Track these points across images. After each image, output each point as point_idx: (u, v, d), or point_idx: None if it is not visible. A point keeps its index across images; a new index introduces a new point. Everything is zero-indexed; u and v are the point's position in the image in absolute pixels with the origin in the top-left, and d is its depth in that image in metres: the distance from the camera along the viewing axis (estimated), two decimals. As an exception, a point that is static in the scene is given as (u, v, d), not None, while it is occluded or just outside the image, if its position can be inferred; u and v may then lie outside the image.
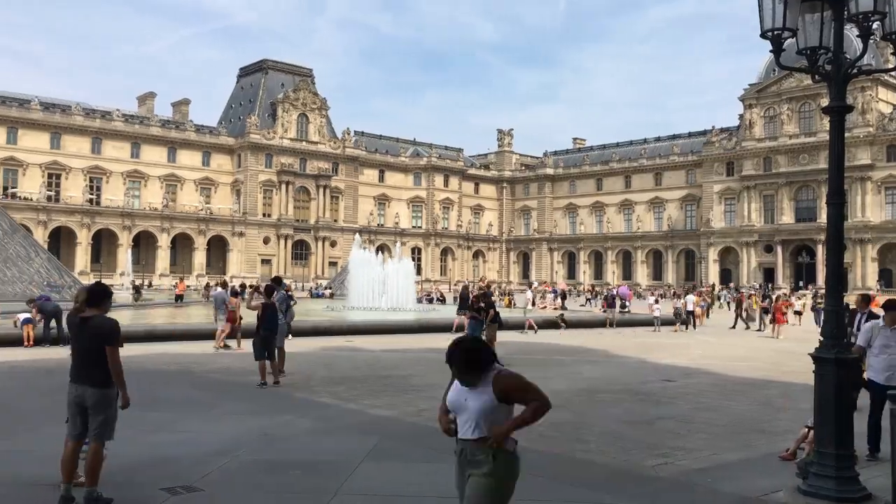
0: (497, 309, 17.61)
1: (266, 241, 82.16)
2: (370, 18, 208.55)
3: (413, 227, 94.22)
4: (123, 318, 21.03)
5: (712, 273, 79.89)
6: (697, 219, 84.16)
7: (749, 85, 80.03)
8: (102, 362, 5.57)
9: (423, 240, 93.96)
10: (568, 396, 11.68)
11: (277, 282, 14.86)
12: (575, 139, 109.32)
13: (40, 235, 64.18)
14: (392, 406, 10.48)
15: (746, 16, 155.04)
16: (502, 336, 23.44)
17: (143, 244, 76.08)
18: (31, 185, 70.56)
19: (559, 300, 43.97)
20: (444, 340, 4.91)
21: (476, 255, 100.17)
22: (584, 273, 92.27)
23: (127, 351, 17.85)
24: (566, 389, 12.39)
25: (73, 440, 5.68)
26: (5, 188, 68.97)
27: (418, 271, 71.79)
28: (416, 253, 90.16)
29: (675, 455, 7.86)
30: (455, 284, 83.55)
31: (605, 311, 32.38)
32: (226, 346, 17.87)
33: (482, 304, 16.93)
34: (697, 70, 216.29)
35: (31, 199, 69.50)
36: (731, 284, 70.44)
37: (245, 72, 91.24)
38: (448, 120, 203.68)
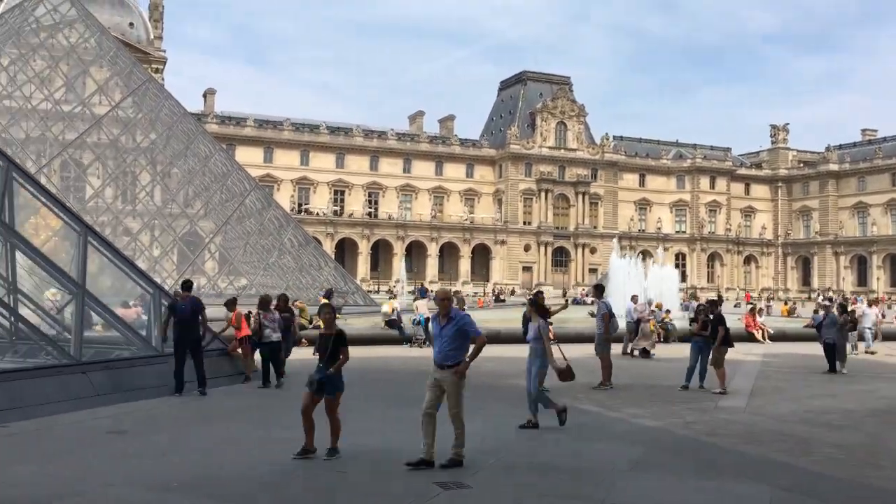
0: (727, 326, 13.37)
1: (527, 248, 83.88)
2: (636, 20, 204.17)
3: (676, 231, 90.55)
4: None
5: None
6: None
7: None
8: None
9: (687, 245, 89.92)
10: (860, 417, 10.51)
11: (600, 289, 14.40)
12: (864, 130, 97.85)
13: (328, 246, 71.53)
14: (658, 416, 10.15)
15: None
16: (779, 348, 21.66)
17: (415, 253, 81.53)
18: (320, 202, 78.93)
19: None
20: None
21: (747, 260, 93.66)
22: (878, 279, 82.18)
23: (397, 351, 18.92)
24: (857, 409, 11.16)
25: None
26: (300, 205, 77.84)
27: (683, 278, 68.85)
28: (679, 259, 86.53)
29: None
30: (725, 292, 78.85)
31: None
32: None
33: (709, 318, 12.96)
34: None
35: (321, 214, 77.80)
36: None
37: (505, 84, 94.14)
38: (715, 119, 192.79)
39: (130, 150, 33.97)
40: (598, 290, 14.19)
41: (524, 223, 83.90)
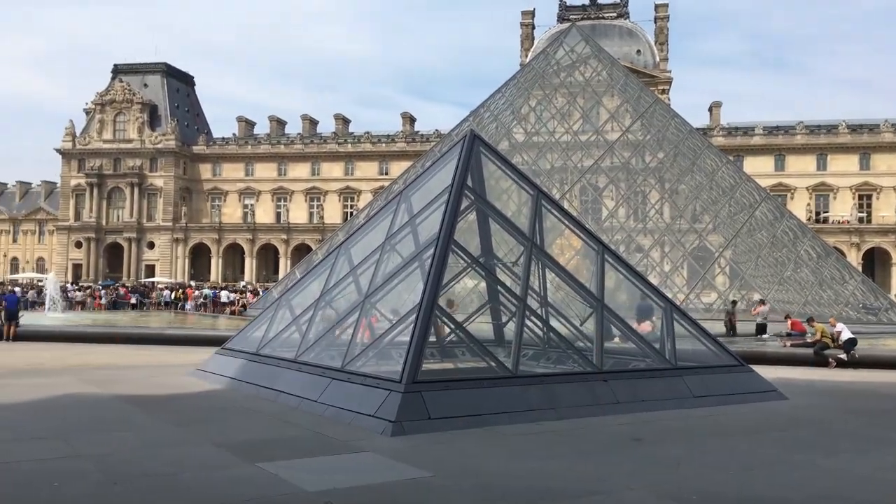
0: None
1: None
2: None
3: None
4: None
5: None
6: None
7: None
8: None
9: None
10: None
11: None
12: None
13: (853, 258, 64.38)
14: None
15: None
16: None
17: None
18: (842, 209, 71.56)
19: None
20: None
21: None
22: None
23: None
24: None
25: None
26: (817, 213, 71.76)
27: None
28: None
29: None
30: None
31: None
32: None
33: None
34: None
35: (842, 222, 70.51)
36: None
37: None
38: None
39: (640, 170, 35.75)
40: None
41: None
